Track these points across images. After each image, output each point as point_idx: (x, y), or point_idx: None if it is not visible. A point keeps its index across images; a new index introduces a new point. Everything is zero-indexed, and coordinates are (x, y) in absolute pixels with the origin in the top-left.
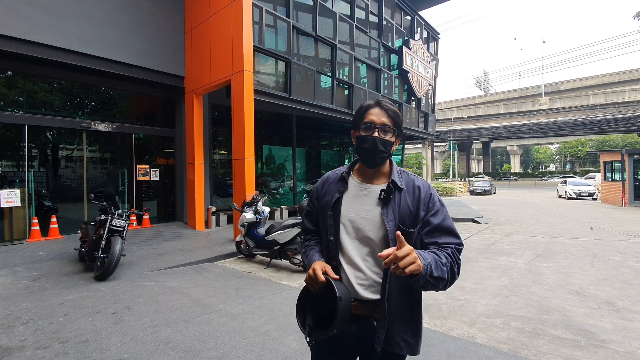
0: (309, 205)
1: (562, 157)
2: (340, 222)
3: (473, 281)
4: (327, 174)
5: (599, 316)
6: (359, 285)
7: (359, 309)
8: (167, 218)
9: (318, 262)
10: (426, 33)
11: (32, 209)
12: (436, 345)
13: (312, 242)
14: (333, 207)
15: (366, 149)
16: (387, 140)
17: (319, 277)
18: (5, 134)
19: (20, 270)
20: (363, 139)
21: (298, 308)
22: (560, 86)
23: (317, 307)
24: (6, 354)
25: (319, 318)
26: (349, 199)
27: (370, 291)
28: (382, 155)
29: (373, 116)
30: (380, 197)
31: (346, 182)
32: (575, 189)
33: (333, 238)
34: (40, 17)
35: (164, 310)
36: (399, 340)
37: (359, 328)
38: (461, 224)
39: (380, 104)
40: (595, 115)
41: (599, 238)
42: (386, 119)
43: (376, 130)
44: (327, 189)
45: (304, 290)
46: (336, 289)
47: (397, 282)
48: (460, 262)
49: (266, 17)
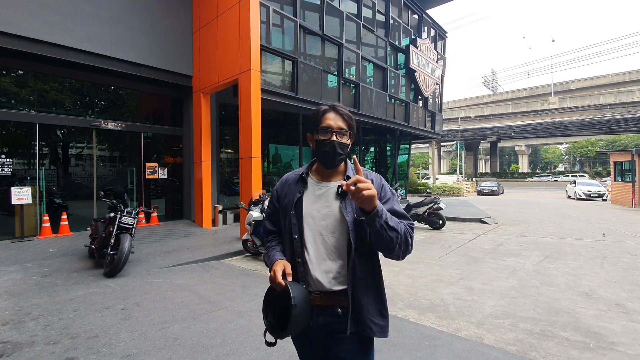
0: (270, 207)
1: (571, 157)
2: (304, 220)
3: (480, 282)
4: (286, 176)
5: (608, 318)
6: (324, 278)
7: (325, 300)
8: (175, 216)
9: (279, 262)
10: (433, 32)
11: (42, 206)
12: (443, 345)
13: (274, 243)
14: (295, 207)
15: (326, 152)
16: (344, 142)
17: (277, 279)
18: (16, 133)
19: (31, 266)
20: (322, 143)
21: (265, 303)
22: (570, 85)
23: (279, 306)
24: (17, 349)
25: (280, 316)
26: (309, 197)
27: (335, 283)
28: (340, 157)
29: (330, 121)
30: (338, 193)
31: (305, 182)
32: (584, 189)
33: (297, 236)
34: (51, 17)
35: (172, 307)
36: (370, 324)
37: (326, 317)
38: (468, 224)
39: (335, 108)
40: (605, 115)
41: (609, 239)
42: (342, 122)
43: (334, 134)
44: (288, 190)
45: (269, 288)
46: (292, 295)
47: (362, 268)
48: (413, 238)
49: (273, 16)
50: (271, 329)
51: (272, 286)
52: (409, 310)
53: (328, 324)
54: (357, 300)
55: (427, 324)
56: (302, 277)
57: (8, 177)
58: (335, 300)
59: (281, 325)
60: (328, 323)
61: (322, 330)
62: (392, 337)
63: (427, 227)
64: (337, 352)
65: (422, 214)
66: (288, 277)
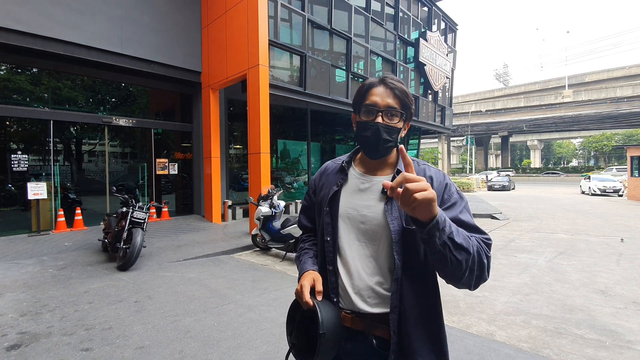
0: (306, 199)
1: (585, 152)
2: (339, 220)
3: (492, 278)
4: (326, 164)
5: (625, 316)
6: (356, 295)
7: (356, 324)
8: (185, 211)
9: (308, 274)
10: (444, 24)
11: (57, 201)
12: (454, 342)
13: (307, 244)
14: (330, 202)
15: (368, 138)
16: (393, 126)
17: (305, 298)
18: (31, 129)
19: (47, 259)
20: (364, 126)
21: (288, 318)
22: (585, 78)
23: (305, 324)
24: (34, 339)
25: (305, 336)
26: (348, 192)
27: (369, 303)
28: (387, 145)
29: (376, 97)
30: (383, 191)
31: (346, 173)
32: (599, 185)
33: (330, 238)
34: (63, 15)
35: (183, 300)
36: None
37: (356, 345)
38: (479, 220)
39: (385, 81)
40: (622, 108)
41: (625, 236)
42: (392, 100)
43: (380, 115)
44: (325, 181)
45: (295, 300)
46: (320, 321)
47: (412, 293)
48: (490, 258)
49: (281, 11)
50: (295, 351)
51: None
52: None
53: (358, 353)
54: (404, 335)
55: None
56: (333, 288)
57: (24, 173)
58: (369, 325)
59: (306, 348)
60: (358, 353)
61: (349, 357)
62: None
63: None
64: None
65: None
66: (318, 295)
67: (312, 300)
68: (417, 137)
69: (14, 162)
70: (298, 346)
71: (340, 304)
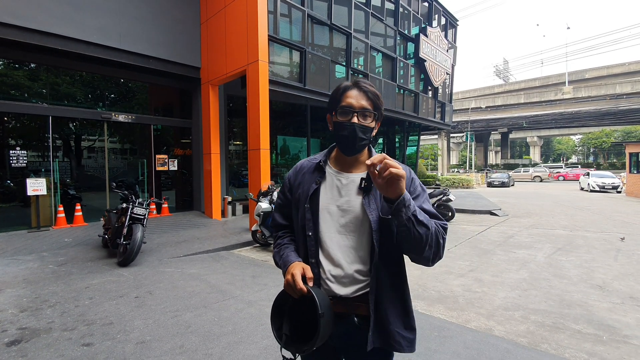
0: (280, 197)
1: (584, 148)
2: (319, 215)
3: (491, 274)
4: (301, 163)
5: (622, 311)
6: (338, 283)
7: (339, 307)
8: (185, 207)
9: (296, 264)
10: (444, 20)
11: (57, 197)
12: (453, 337)
13: (286, 240)
14: (310, 199)
15: (345, 136)
16: (367, 125)
17: (298, 285)
18: (30, 125)
19: (47, 255)
20: (341, 125)
21: (273, 313)
22: (585, 74)
23: (296, 314)
24: (35, 335)
25: (296, 326)
26: (327, 189)
27: (350, 288)
28: (362, 143)
29: (351, 99)
30: (361, 187)
31: (323, 171)
32: (598, 181)
33: (311, 233)
34: (60, 9)
35: (184, 296)
36: (397, 338)
37: (340, 326)
38: (478, 216)
39: (358, 84)
40: (621, 104)
41: (623, 232)
42: (365, 102)
43: (355, 115)
44: (302, 180)
45: (281, 294)
46: (318, 304)
47: (387, 274)
48: (445, 240)
49: (281, 6)
50: (287, 342)
51: (284, 292)
52: (418, 301)
53: (342, 334)
54: (381, 311)
55: (436, 315)
56: (316, 279)
57: (23, 169)
58: (351, 307)
59: (300, 336)
60: (343, 333)
61: (335, 340)
62: None
63: None
64: None
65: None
66: (309, 281)
67: (306, 287)
68: (417, 133)
69: (12, 158)
70: (289, 337)
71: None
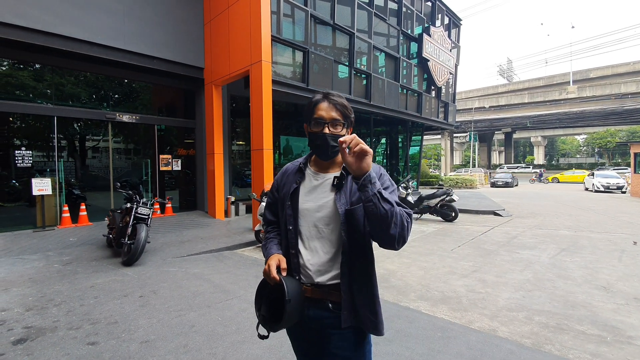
0: (270, 197)
1: (589, 148)
2: (299, 211)
3: (494, 274)
4: (287, 166)
5: (626, 312)
6: (316, 272)
7: (315, 293)
8: (189, 207)
9: (274, 256)
10: (447, 19)
11: (62, 197)
12: (456, 337)
13: (272, 234)
14: (291, 197)
15: (318, 145)
16: (338, 134)
17: (272, 274)
18: (35, 126)
19: (53, 254)
20: (315, 135)
21: (256, 297)
22: (590, 74)
23: (273, 299)
24: (40, 333)
25: (273, 308)
26: (305, 188)
27: (325, 276)
28: (334, 150)
29: (322, 111)
30: (334, 184)
31: (303, 173)
32: (603, 181)
33: (292, 227)
34: (65, 10)
35: (187, 295)
36: (365, 320)
37: (317, 311)
38: (481, 216)
39: (328, 97)
40: (626, 104)
41: (628, 232)
42: (335, 113)
43: (326, 126)
44: (286, 180)
45: (263, 281)
46: (286, 290)
47: (356, 262)
48: (411, 224)
49: (284, 6)
50: (264, 321)
51: (265, 279)
52: (421, 302)
53: (318, 317)
54: (352, 294)
55: (439, 316)
56: (296, 268)
57: (28, 169)
58: (325, 294)
59: (274, 318)
60: (319, 317)
61: (313, 323)
62: (405, 328)
63: (440, 219)
64: (329, 348)
65: (435, 205)
66: (283, 272)
67: (278, 276)
68: (420, 133)
69: (17, 158)
70: (266, 317)
71: (302, 280)
